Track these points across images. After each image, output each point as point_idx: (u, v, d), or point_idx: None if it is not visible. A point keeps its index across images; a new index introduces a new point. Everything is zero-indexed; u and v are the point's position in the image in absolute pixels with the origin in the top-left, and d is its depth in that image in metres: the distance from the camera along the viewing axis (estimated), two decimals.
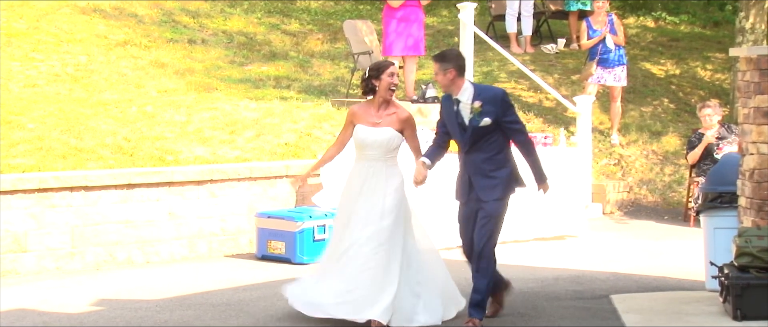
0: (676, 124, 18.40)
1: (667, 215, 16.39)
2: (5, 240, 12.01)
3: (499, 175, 9.40)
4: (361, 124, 9.58)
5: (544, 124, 17.52)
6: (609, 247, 14.02)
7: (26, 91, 16.05)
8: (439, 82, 9.42)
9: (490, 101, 9.25)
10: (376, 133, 9.51)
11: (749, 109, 9.96)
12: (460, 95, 9.33)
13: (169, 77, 17.55)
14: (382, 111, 9.58)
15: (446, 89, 9.40)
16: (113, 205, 12.58)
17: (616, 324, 9.55)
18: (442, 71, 9.35)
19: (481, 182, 9.35)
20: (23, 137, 13.80)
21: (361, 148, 9.57)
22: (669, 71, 20.18)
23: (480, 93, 9.31)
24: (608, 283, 11.54)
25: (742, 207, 10.11)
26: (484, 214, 9.33)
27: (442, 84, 9.40)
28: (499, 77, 19.02)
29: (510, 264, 12.75)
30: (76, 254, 12.40)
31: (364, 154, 9.57)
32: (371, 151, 9.53)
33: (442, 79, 9.37)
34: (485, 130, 9.25)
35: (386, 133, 9.51)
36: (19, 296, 10.89)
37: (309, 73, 18.70)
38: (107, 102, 15.71)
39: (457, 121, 9.33)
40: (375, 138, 9.50)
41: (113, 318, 9.88)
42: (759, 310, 9.25)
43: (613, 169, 17.35)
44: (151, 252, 12.83)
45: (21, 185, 12.15)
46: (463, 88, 9.34)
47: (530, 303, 10.49)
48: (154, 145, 14.17)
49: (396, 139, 9.55)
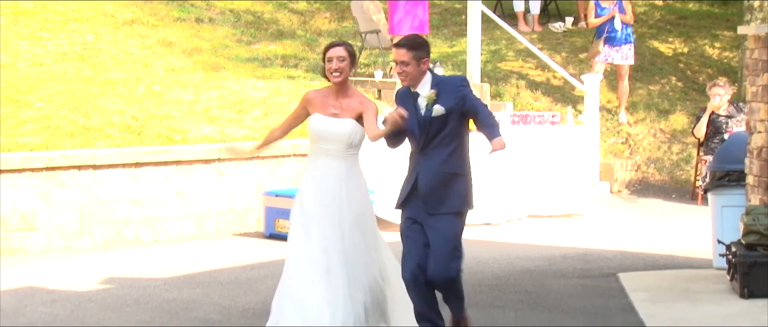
0: (684, 103, 18.37)
1: (675, 194, 16.39)
2: (13, 218, 12.04)
3: (455, 183, 7.91)
4: (319, 113, 8.19)
5: (552, 103, 17.51)
6: (616, 226, 14.03)
7: (34, 69, 16.06)
8: (406, 73, 7.86)
9: (446, 88, 7.89)
10: (335, 125, 8.10)
11: (757, 87, 9.96)
12: (421, 87, 7.92)
13: (177, 56, 17.55)
14: (341, 99, 8.16)
15: (412, 81, 7.90)
16: (121, 183, 12.61)
17: (624, 302, 9.56)
18: (417, 60, 7.86)
19: (433, 190, 7.86)
20: (31, 116, 13.82)
21: (317, 141, 8.20)
22: (677, 49, 20.15)
23: (438, 83, 7.94)
24: (615, 261, 11.55)
25: (750, 185, 10.11)
26: (440, 236, 7.81)
27: (410, 75, 7.86)
28: (507, 56, 19.01)
29: (516, 242, 12.78)
30: (84, 232, 12.43)
31: (320, 147, 8.19)
32: (329, 145, 8.11)
33: (414, 71, 7.85)
34: (440, 123, 7.83)
35: (347, 126, 8.09)
36: (27, 274, 10.93)
37: (316, 52, 18.67)
38: (115, 81, 15.72)
39: (415, 117, 7.85)
40: (334, 130, 8.10)
41: (121, 296, 9.91)
42: (766, 288, 9.25)
43: (621, 147, 17.35)
44: (159, 230, 12.86)
45: (29, 164, 12.18)
46: (426, 78, 7.95)
47: (537, 281, 10.51)
48: (161, 124, 14.18)
49: (358, 132, 8.10)
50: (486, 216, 13.90)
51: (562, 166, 14.63)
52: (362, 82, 16.69)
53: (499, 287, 10.20)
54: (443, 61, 17.47)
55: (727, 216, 10.36)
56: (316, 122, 8.17)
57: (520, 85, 17.89)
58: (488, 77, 17.59)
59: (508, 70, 18.56)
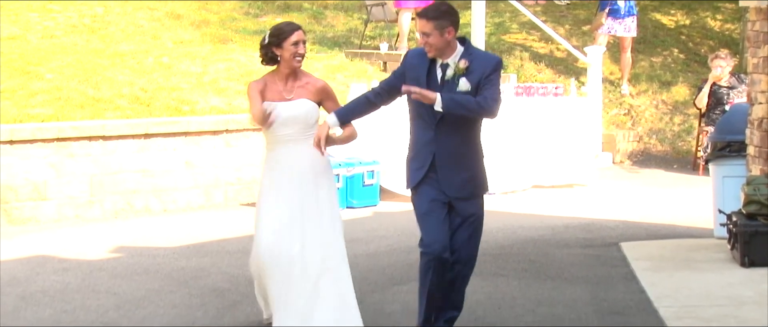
0: (686, 74, 18.35)
1: (677, 164, 16.39)
2: (25, 188, 12.07)
3: (474, 165, 7.37)
4: (269, 100, 7.53)
5: (555, 75, 17.49)
6: (619, 196, 14.04)
7: (44, 41, 16.07)
8: (430, 45, 7.06)
9: (480, 64, 7.09)
10: (290, 107, 7.51)
11: (758, 59, 9.95)
12: (452, 59, 7.12)
13: (185, 29, 17.54)
14: (291, 83, 7.58)
15: (438, 53, 7.10)
16: (131, 154, 12.63)
17: (626, 271, 9.57)
18: (439, 31, 7.03)
19: (452, 172, 7.24)
20: (42, 87, 13.83)
21: (273, 130, 7.56)
22: (679, 21, 20.10)
23: (471, 53, 7.14)
24: (618, 230, 11.56)
25: (751, 156, 10.11)
26: (472, 219, 7.40)
27: (435, 47, 7.06)
28: (511, 28, 18.98)
29: (521, 212, 12.80)
30: (94, 202, 12.45)
31: (276, 136, 7.58)
32: (286, 131, 7.53)
33: (438, 41, 7.04)
34: None
35: (302, 106, 7.54)
36: (39, 243, 10.96)
37: (322, 25, 18.69)
38: (124, 53, 15.72)
39: (438, 89, 7.09)
40: (290, 113, 7.50)
41: (131, 264, 9.94)
42: (766, 257, 9.27)
43: (623, 118, 17.34)
44: (168, 200, 12.88)
45: (40, 134, 12.20)
46: (458, 50, 7.15)
47: (541, 250, 10.52)
48: (170, 96, 14.19)
49: (314, 111, 7.57)
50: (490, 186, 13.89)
51: (565, 138, 14.63)
52: (368, 55, 16.69)
53: (502, 256, 10.22)
54: None
55: (727, 186, 10.36)
56: (268, 110, 7.52)
57: (523, 57, 17.88)
58: (492, 49, 17.55)
59: (511, 42, 18.54)
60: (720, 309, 8.10)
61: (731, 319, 7.81)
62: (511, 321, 8.03)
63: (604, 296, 8.73)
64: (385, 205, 13.19)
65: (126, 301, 8.64)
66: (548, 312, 8.26)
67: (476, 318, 8.06)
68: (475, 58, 7.08)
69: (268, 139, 7.67)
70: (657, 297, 8.52)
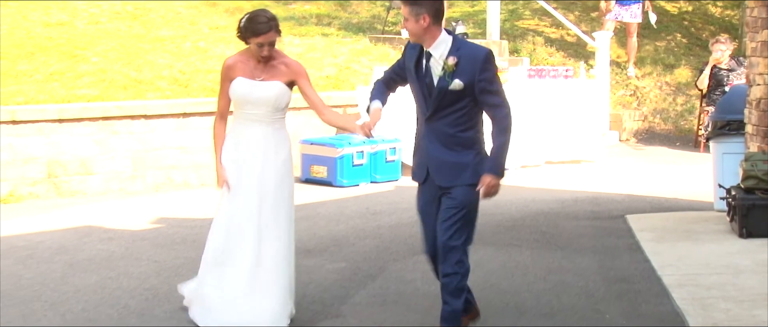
0: (688, 58, 18.27)
1: (679, 142, 16.34)
2: (73, 164, 12.12)
3: (465, 156, 6.65)
4: (242, 76, 7.08)
5: (566, 58, 17.44)
6: (624, 171, 14.01)
7: (90, 27, 16.10)
8: (409, 30, 6.62)
9: (469, 60, 6.53)
10: (261, 88, 7.04)
11: (757, 43, 9.91)
12: (433, 48, 6.56)
13: (220, 15, 17.54)
14: (267, 63, 7.10)
15: (417, 39, 6.60)
16: (170, 132, 12.66)
17: (631, 241, 9.55)
18: (414, 16, 6.51)
19: (442, 162, 6.64)
20: (88, 70, 13.87)
21: (242, 106, 7.13)
22: (682, 8, 20.01)
23: (459, 48, 6.58)
24: (624, 204, 11.54)
25: (749, 134, 10.08)
26: (452, 203, 6.62)
27: (412, 33, 6.57)
28: (524, 14, 18.92)
29: (531, 186, 12.78)
30: (137, 177, 12.49)
31: (244, 113, 7.13)
32: (254, 110, 7.07)
33: (413, 27, 6.53)
34: (455, 97, 6.56)
35: (273, 88, 7.04)
36: (86, 215, 11.01)
37: (348, 12, 18.66)
38: (164, 38, 15.74)
39: (425, 81, 6.62)
40: (260, 94, 7.04)
41: (171, 235, 9.97)
42: (763, 228, 9.25)
43: (629, 99, 17.28)
44: (205, 175, 12.90)
45: (86, 114, 12.24)
46: (439, 39, 6.57)
47: (551, 222, 10.51)
48: (206, 78, 14.20)
49: (285, 95, 7.08)
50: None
51: (574, 117, 14.60)
52: (390, 40, 16.64)
53: (516, 228, 10.21)
54: (464, 20, 17.40)
55: (727, 162, 10.33)
56: (240, 87, 7.07)
57: (536, 41, 17.83)
58: (507, 34, 17.51)
59: (525, 27, 18.48)
60: (719, 277, 8.08)
61: (730, 287, 7.80)
62: (524, 288, 8.02)
63: (610, 265, 8.72)
64: (406, 180, 13.16)
65: (166, 268, 8.67)
66: (558, 279, 8.26)
67: (491, 285, 8.06)
68: (463, 54, 6.54)
69: (236, 113, 7.21)
70: (660, 266, 8.51)
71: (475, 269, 8.49)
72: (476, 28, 17.47)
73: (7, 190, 11.81)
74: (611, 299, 7.72)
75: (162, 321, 7.23)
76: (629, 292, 7.88)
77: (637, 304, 7.57)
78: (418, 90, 6.67)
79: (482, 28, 17.07)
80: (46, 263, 8.86)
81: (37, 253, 9.22)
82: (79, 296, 7.84)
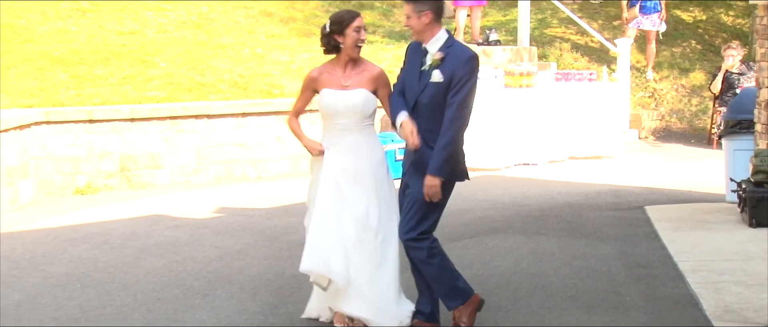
0: (702, 62, 18.12)
1: (693, 139, 16.21)
2: (143, 159, 12.21)
3: None
4: (328, 88, 6.57)
5: (590, 63, 17.34)
6: (643, 166, 13.92)
7: (158, 36, 16.19)
8: (411, 27, 6.30)
9: (454, 58, 6.18)
10: (348, 96, 6.51)
11: (766, 49, 9.83)
12: (430, 44, 6.27)
13: (276, 24, 17.59)
14: (349, 71, 6.58)
15: (419, 36, 6.30)
16: (230, 130, 12.71)
17: (649, 230, 9.50)
18: (417, 13, 6.24)
19: (421, 157, 6.24)
20: (156, 74, 13.95)
21: (330, 118, 6.59)
22: (697, 17, 19.83)
23: (450, 46, 6.25)
24: (642, 196, 11.47)
25: (758, 132, 10.00)
26: (411, 198, 6.29)
27: (414, 30, 6.27)
28: (552, 23, 18.82)
29: (557, 180, 12.73)
30: (200, 171, 12.56)
31: (334, 124, 6.59)
32: (343, 120, 6.53)
33: (416, 24, 6.24)
34: (436, 92, 6.17)
35: (359, 96, 6.50)
36: (155, 204, 11.08)
37: (391, 21, 18.63)
38: (225, 45, 15.81)
39: (418, 75, 6.30)
40: (347, 102, 6.51)
41: (231, 223, 10.02)
42: None
43: (648, 100, 17.17)
44: (261, 169, 12.96)
45: (155, 114, 12.32)
46: (437, 36, 6.27)
47: (576, 212, 10.46)
48: (263, 81, 14.25)
49: (371, 102, 6.54)
50: (532, 158, 13.87)
51: (597, 116, 14.52)
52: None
53: (543, 218, 10.17)
54: (498, 28, 17.34)
55: (738, 158, 10.26)
56: (327, 98, 6.56)
57: (562, 47, 17.74)
58: (536, 41, 17.44)
59: (552, 35, 18.39)
60: (730, 263, 8.03)
61: (740, 272, 7.74)
62: (551, 272, 8.00)
63: (630, 252, 8.68)
64: None
65: (227, 253, 8.71)
66: (582, 265, 8.22)
67: (521, 270, 8.04)
68: (451, 51, 6.21)
69: (325, 126, 6.69)
70: (676, 252, 8.46)
71: (506, 255, 8.52)
72: (508, 36, 17.41)
73: (84, 183, 11.91)
74: (631, 283, 7.68)
75: (224, 301, 7.27)
76: (647, 277, 7.84)
77: (654, 288, 7.53)
78: (410, 82, 6.33)
79: (514, 36, 17.01)
80: (119, 248, 8.93)
81: (111, 239, 9.30)
82: (149, 278, 7.90)
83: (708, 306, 6.90)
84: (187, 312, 7.02)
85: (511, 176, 13.08)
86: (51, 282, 7.82)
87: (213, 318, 6.88)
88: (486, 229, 9.56)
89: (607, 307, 7.04)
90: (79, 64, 14.00)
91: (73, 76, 13.57)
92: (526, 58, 15.91)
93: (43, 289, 7.63)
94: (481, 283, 7.48)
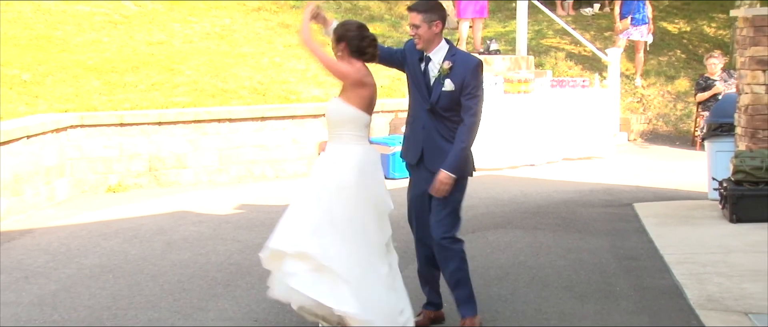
0: (687, 70, 18.08)
1: (678, 141, 16.18)
2: (170, 159, 12.21)
3: None
4: None
5: (583, 71, 17.32)
6: (632, 166, 13.89)
7: (185, 46, 16.22)
8: (419, 36, 6.01)
9: (461, 66, 5.99)
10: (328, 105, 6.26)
11: (745, 58, 9.81)
12: (434, 53, 6.06)
13: (292, 35, 17.58)
14: None
15: (426, 45, 6.03)
16: (250, 133, 12.72)
17: (638, 225, 9.49)
18: (427, 23, 5.99)
19: (437, 161, 6.02)
20: (182, 81, 13.97)
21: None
22: (681, 28, 19.80)
23: (454, 54, 6.05)
24: (631, 194, 11.45)
25: (738, 135, 9.99)
26: (441, 199, 6.04)
27: (423, 39, 6.00)
28: (547, 34, 18.80)
29: (553, 179, 12.72)
30: (222, 170, 12.56)
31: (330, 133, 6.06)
32: (330, 129, 6.09)
33: (426, 33, 5.99)
34: (449, 99, 5.99)
35: (330, 105, 6.23)
36: (181, 201, 11.09)
37: (399, 31, 18.62)
38: (245, 54, 15.82)
39: (424, 81, 6.09)
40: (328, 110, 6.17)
41: (251, 219, 10.02)
42: (750, 215, 9.19)
43: (636, 105, 17.13)
44: (279, 169, 12.97)
45: (181, 118, 12.33)
46: (440, 46, 6.06)
47: (570, 209, 10.45)
48: (281, 88, 14.26)
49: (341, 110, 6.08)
50: (530, 159, 13.85)
51: (589, 120, 14.51)
52: None
53: (540, 214, 10.16)
54: (498, 38, 17.32)
55: (719, 159, 10.24)
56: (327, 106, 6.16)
57: (557, 56, 17.72)
58: (533, 51, 17.43)
59: (548, 45, 18.38)
60: (713, 256, 8.01)
61: (721, 264, 7.73)
62: (547, 264, 7.99)
63: (620, 245, 8.67)
64: None
65: (247, 246, 8.72)
66: (576, 257, 8.22)
67: (519, 262, 8.03)
68: (457, 60, 6.01)
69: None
70: (662, 246, 8.45)
71: (506, 248, 8.51)
72: (507, 46, 17.40)
73: (115, 181, 11.93)
74: (621, 274, 7.67)
75: (244, 291, 7.28)
76: (636, 268, 7.83)
77: (642, 279, 7.52)
78: (416, 86, 6.11)
79: (512, 46, 17.00)
80: (147, 242, 8.94)
81: (141, 233, 9.31)
82: (175, 270, 7.91)
83: (692, 295, 6.89)
84: (210, 301, 7.03)
85: (510, 175, 13.06)
86: (85, 273, 7.83)
87: (234, 307, 6.89)
88: (487, 225, 9.56)
89: (598, 297, 7.03)
90: (111, 72, 14.02)
91: (106, 83, 13.59)
92: (523, 66, 15.90)
93: (78, 279, 7.64)
94: (482, 275, 7.48)
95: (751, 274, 7.35)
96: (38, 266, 8.04)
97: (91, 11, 16.95)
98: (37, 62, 14.08)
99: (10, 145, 10.13)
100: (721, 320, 6.30)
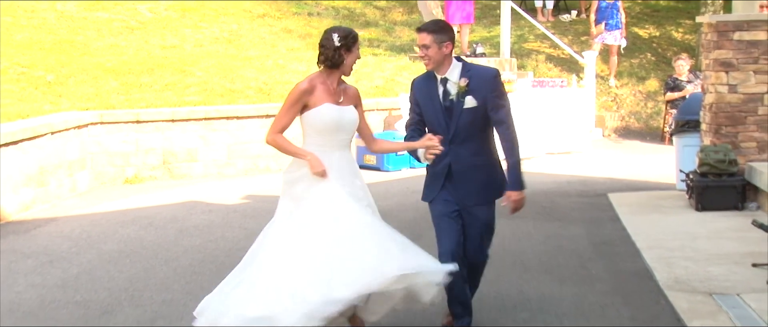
0: (656, 72, 18.08)
1: (649, 137, 16.18)
2: (182, 153, 12.21)
3: (490, 173, 5.67)
4: (329, 102, 5.38)
5: (561, 72, 17.31)
6: (607, 160, 13.90)
7: (195, 49, 16.21)
8: (429, 57, 5.53)
9: (479, 80, 5.53)
10: (346, 112, 5.43)
11: (710, 60, 9.81)
12: (449, 73, 5.55)
13: (295, 39, 17.59)
14: (339, 87, 5.49)
15: (436, 66, 5.55)
16: (256, 129, 12.71)
17: (612, 214, 9.50)
18: (437, 44, 5.51)
19: (469, 181, 5.60)
20: (194, 82, 13.95)
21: (330, 133, 5.41)
22: (652, 33, 19.80)
23: (469, 70, 5.57)
24: (606, 185, 11.45)
25: (703, 131, 9.99)
26: (479, 222, 5.66)
27: (433, 60, 5.52)
28: (529, 38, 18.79)
29: (533, 172, 12.71)
30: (231, 164, 12.56)
31: (333, 140, 5.43)
32: (344, 136, 5.44)
33: (436, 54, 5.51)
34: (472, 116, 5.53)
35: (353, 113, 5.48)
36: (192, 192, 11.09)
37: (393, 36, 18.63)
38: (251, 57, 15.80)
39: (443, 105, 5.56)
40: (349, 118, 5.43)
41: (257, 208, 10.02)
42: (714, 204, 9.21)
43: (611, 104, 17.13)
44: (282, 163, 12.93)
45: (193, 115, 12.33)
46: (454, 65, 5.58)
47: (549, 199, 10.46)
48: (284, 88, 14.23)
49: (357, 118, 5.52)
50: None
51: (568, 117, 14.51)
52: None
53: None
54: (483, 42, 17.32)
55: (686, 153, 10.25)
56: (331, 113, 5.37)
57: (538, 59, 17.71)
58: (515, 54, 17.42)
59: (529, 48, 18.37)
60: (680, 241, 8.02)
61: (688, 249, 7.74)
62: (529, 249, 8.00)
63: (596, 232, 8.68)
64: None
65: (253, 233, 8.64)
66: (555, 243, 8.23)
67: (504, 249, 8.03)
68: (473, 75, 5.54)
69: (316, 141, 5.45)
70: (634, 233, 8.46)
71: None
72: (492, 49, 17.39)
73: (132, 174, 11.92)
74: (596, 258, 7.68)
75: None
76: (610, 253, 7.84)
77: (616, 263, 7.53)
78: (435, 115, 5.59)
79: (497, 49, 17.00)
80: (161, 229, 8.94)
81: (155, 221, 9.31)
82: (187, 255, 7.91)
83: (661, 277, 6.90)
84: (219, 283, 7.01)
85: None
86: (104, 257, 7.82)
87: None
88: None
89: (576, 280, 7.04)
90: (128, 74, 14.00)
91: (123, 84, 13.57)
92: (507, 68, 15.90)
93: (98, 263, 7.64)
94: None
95: (715, 258, 7.36)
96: (62, 251, 8.04)
97: (110, 18, 16.93)
98: (60, 65, 14.06)
99: (36, 140, 10.15)
100: (688, 300, 6.31)
